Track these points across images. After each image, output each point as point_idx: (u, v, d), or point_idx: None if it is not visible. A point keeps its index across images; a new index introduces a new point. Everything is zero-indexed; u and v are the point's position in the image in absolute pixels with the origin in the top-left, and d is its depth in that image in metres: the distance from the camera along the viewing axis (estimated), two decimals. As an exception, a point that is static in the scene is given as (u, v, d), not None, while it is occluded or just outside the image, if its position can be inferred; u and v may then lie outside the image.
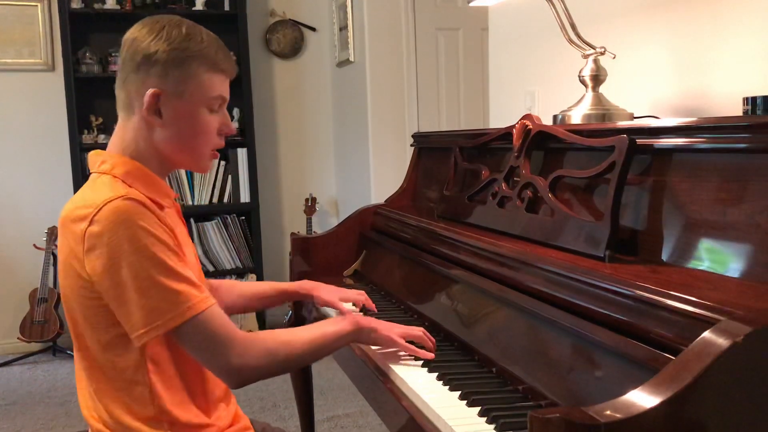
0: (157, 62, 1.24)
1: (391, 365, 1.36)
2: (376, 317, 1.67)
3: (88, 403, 1.30)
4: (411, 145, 2.41)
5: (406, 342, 1.40)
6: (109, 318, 1.20)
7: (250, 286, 1.73)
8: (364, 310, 1.75)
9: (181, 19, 1.29)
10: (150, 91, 1.23)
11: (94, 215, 1.16)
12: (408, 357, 1.40)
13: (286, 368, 1.27)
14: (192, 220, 4.23)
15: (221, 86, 1.31)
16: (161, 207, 1.26)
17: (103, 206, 1.16)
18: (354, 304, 1.77)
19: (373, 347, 1.45)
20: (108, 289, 1.17)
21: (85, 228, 1.16)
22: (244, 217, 4.47)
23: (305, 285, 1.75)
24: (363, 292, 1.78)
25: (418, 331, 1.41)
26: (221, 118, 1.32)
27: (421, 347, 1.40)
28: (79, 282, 1.20)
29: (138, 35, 1.26)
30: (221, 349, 1.18)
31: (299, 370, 2.15)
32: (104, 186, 1.22)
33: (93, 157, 1.30)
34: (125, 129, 1.29)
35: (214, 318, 1.19)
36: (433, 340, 1.41)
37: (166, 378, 1.26)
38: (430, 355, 1.38)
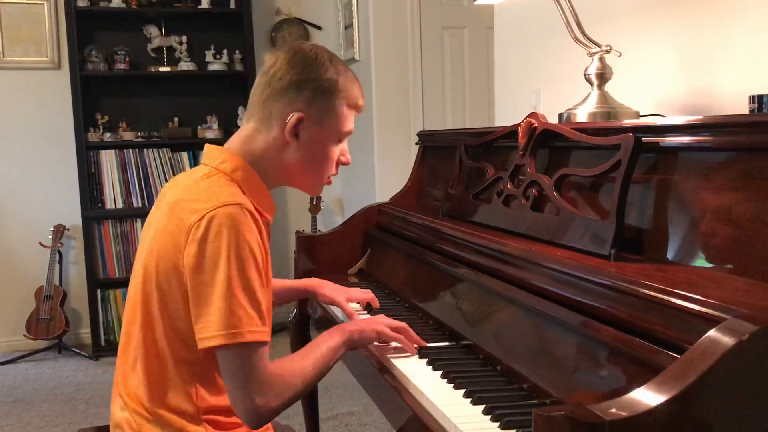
0: (307, 89, 1.31)
1: (395, 363, 1.36)
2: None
3: (131, 381, 1.31)
4: (416, 144, 2.41)
5: (397, 335, 1.42)
6: (185, 310, 1.23)
7: None
8: (369, 309, 1.75)
9: (331, 53, 1.37)
10: (296, 115, 1.31)
11: (208, 213, 1.20)
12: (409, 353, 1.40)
13: (299, 398, 1.30)
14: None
15: (353, 121, 1.40)
16: (267, 221, 1.32)
17: (218, 207, 1.20)
18: (359, 303, 1.77)
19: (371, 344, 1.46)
20: (195, 285, 1.20)
21: (195, 221, 1.20)
22: (249, 216, 4.47)
23: (311, 283, 1.77)
24: (369, 291, 1.78)
25: (400, 325, 1.44)
26: (343, 149, 1.42)
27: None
28: (170, 267, 1.24)
29: (291, 59, 1.32)
30: (251, 386, 1.20)
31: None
32: (223, 187, 1.26)
33: (213, 152, 1.35)
34: (253, 139, 1.34)
35: (261, 355, 1.21)
36: (416, 337, 1.44)
37: (214, 382, 1.30)
38: (422, 342, 1.42)
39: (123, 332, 1.35)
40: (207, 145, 1.37)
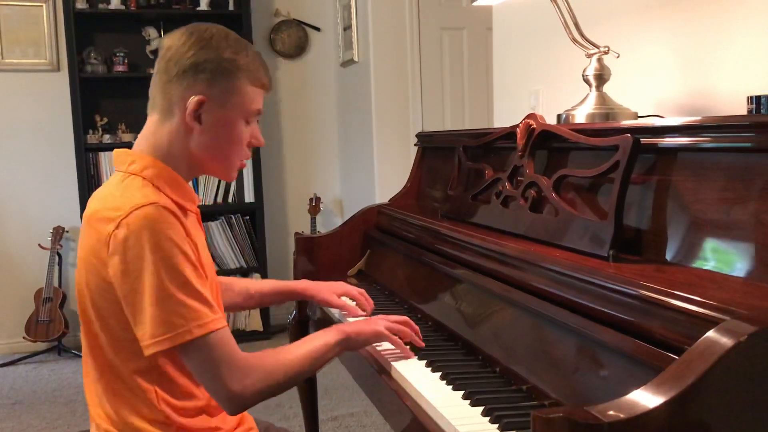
0: (205, 71, 1.26)
1: (394, 364, 1.36)
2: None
3: (95, 401, 1.30)
4: (415, 145, 2.41)
5: (395, 337, 1.42)
6: (124, 321, 1.21)
7: (251, 284, 1.72)
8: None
9: (228, 30, 1.31)
10: (195, 98, 1.25)
11: (122, 219, 1.17)
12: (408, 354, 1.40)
13: (283, 389, 1.27)
14: (196, 220, 4.24)
15: (259, 100, 1.34)
16: (186, 212, 1.28)
17: (132, 211, 1.17)
18: (353, 299, 1.76)
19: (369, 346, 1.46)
20: (125, 295, 1.18)
21: (112, 230, 1.17)
22: (248, 217, 4.48)
23: (303, 286, 1.74)
24: (363, 290, 1.76)
25: (401, 321, 1.43)
26: (253, 130, 1.35)
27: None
28: (99, 282, 1.21)
29: (186, 42, 1.27)
30: (222, 374, 1.18)
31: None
32: (134, 189, 1.22)
33: (121, 156, 1.31)
34: (158, 131, 1.29)
35: (222, 341, 1.19)
36: (416, 327, 1.44)
37: (175, 385, 1.27)
38: (420, 344, 1.41)
39: (82, 355, 1.33)
40: (115, 151, 1.32)
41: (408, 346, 1.43)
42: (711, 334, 0.80)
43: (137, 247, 1.16)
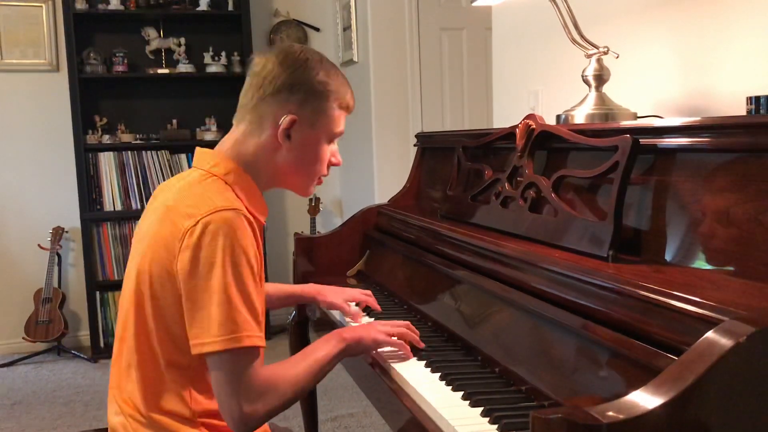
0: (300, 92, 1.32)
1: (393, 365, 1.36)
2: (379, 318, 1.68)
3: (125, 386, 1.31)
4: (414, 145, 2.41)
5: (394, 339, 1.42)
6: (179, 315, 1.23)
7: None
8: (369, 311, 1.75)
9: (321, 54, 1.38)
10: (289, 117, 1.31)
11: (202, 217, 1.20)
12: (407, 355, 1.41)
13: (290, 404, 1.28)
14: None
15: (343, 123, 1.41)
16: (260, 224, 1.32)
17: (213, 212, 1.20)
18: (358, 304, 1.77)
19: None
20: (189, 290, 1.20)
21: (190, 227, 1.20)
22: (248, 217, 4.47)
23: (310, 290, 1.77)
24: (369, 291, 1.78)
25: (402, 326, 1.43)
26: (333, 150, 1.42)
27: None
28: (163, 273, 1.23)
29: (282, 62, 1.32)
30: (240, 391, 1.19)
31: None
32: (217, 191, 1.26)
33: (205, 155, 1.34)
34: (246, 141, 1.34)
35: (254, 360, 1.20)
36: (417, 332, 1.44)
37: (207, 385, 1.29)
38: (420, 344, 1.42)
39: (116, 336, 1.34)
40: (198, 149, 1.37)
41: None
42: (710, 334, 0.80)
43: (211, 248, 1.18)
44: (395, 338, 1.42)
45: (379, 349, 1.44)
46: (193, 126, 4.46)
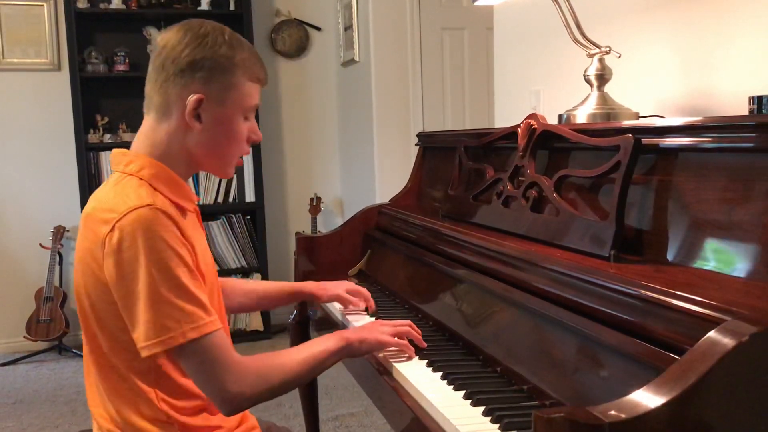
0: (203, 69, 1.25)
1: (394, 364, 1.36)
2: (379, 317, 1.68)
3: (97, 401, 1.31)
4: (416, 145, 2.41)
5: (397, 340, 1.41)
6: (122, 322, 1.21)
7: (254, 286, 1.72)
8: (366, 310, 1.76)
9: (223, 27, 1.30)
10: (194, 96, 1.25)
11: (117, 221, 1.17)
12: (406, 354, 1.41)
13: (280, 392, 1.27)
14: (197, 220, 4.24)
15: (257, 95, 1.33)
16: (184, 212, 1.28)
17: (127, 213, 1.17)
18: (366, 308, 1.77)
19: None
20: (121, 297, 1.18)
21: (107, 233, 1.17)
22: (249, 217, 4.48)
23: (309, 286, 1.75)
24: (366, 290, 1.77)
25: (404, 326, 1.42)
26: (251, 125, 1.34)
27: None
28: (96, 283, 1.21)
29: (182, 40, 1.26)
30: (218, 375, 1.18)
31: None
32: (131, 190, 1.22)
33: (118, 156, 1.30)
34: (155, 130, 1.29)
35: (217, 343, 1.19)
36: (419, 331, 1.43)
37: (175, 385, 1.27)
38: (422, 344, 1.41)
39: (83, 354, 1.33)
40: (113, 151, 1.32)
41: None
42: (712, 334, 0.80)
43: (131, 250, 1.15)
44: (403, 330, 1.41)
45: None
46: (194, 125, 4.45)
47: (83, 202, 4.11)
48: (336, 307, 1.80)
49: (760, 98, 1.34)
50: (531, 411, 0.79)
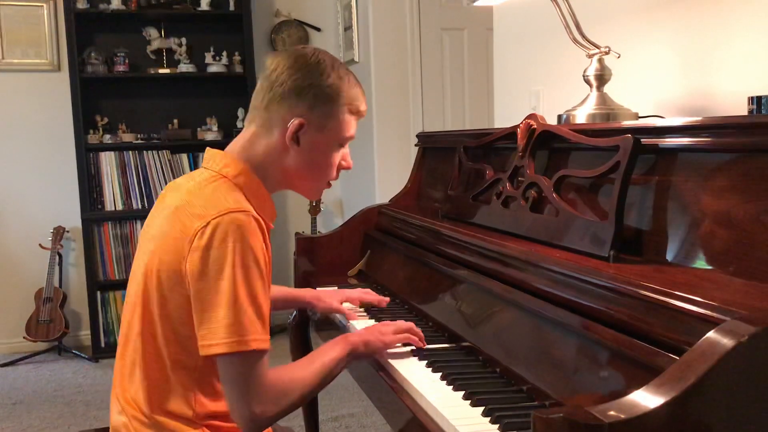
0: (308, 95, 1.30)
1: (394, 364, 1.36)
2: (379, 318, 1.68)
3: (129, 386, 1.30)
4: (415, 145, 2.41)
5: (402, 336, 1.42)
6: (186, 316, 1.23)
7: None
8: (367, 309, 1.75)
9: (334, 57, 1.36)
10: (296, 121, 1.30)
11: (213, 218, 1.19)
12: (408, 354, 1.41)
13: (298, 406, 1.29)
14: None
15: (354, 127, 1.39)
16: (268, 227, 1.31)
17: (225, 213, 1.20)
18: (363, 307, 1.77)
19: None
20: (198, 291, 1.19)
21: (200, 228, 1.19)
22: (249, 217, 4.47)
23: (306, 296, 1.76)
24: (369, 290, 1.78)
25: (405, 326, 1.43)
26: (344, 154, 1.40)
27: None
28: (172, 274, 1.23)
29: (293, 64, 1.31)
30: (250, 392, 1.20)
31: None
32: (227, 193, 1.25)
33: (216, 156, 1.33)
34: (255, 143, 1.33)
35: (261, 363, 1.21)
36: (421, 334, 1.44)
37: (211, 387, 1.30)
38: (423, 345, 1.43)
39: (121, 335, 1.34)
40: (209, 149, 1.36)
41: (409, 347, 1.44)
42: (711, 334, 0.80)
43: (221, 249, 1.18)
44: (407, 326, 1.43)
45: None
46: (194, 126, 4.46)
47: (83, 203, 4.12)
48: (336, 308, 1.80)
49: (759, 98, 1.34)
50: (530, 411, 0.79)
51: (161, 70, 4.32)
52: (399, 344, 1.42)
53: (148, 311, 1.27)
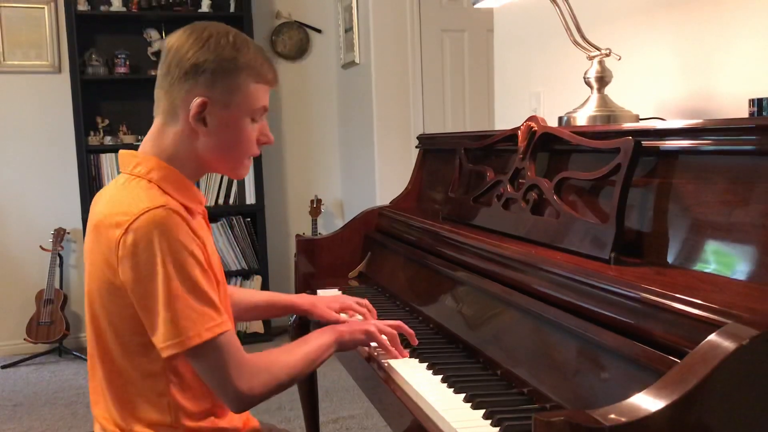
0: (206, 72, 1.24)
1: (394, 367, 1.36)
2: (380, 318, 1.68)
3: (101, 404, 1.31)
4: (416, 147, 2.41)
5: (383, 338, 1.43)
6: (136, 325, 1.21)
7: (247, 297, 1.68)
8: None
9: (228, 28, 1.29)
10: (198, 100, 1.24)
11: (131, 224, 1.17)
12: (411, 357, 1.41)
13: (285, 387, 1.29)
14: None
15: (265, 97, 1.32)
16: (193, 213, 1.28)
17: (140, 215, 1.17)
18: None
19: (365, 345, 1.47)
20: (139, 299, 1.18)
21: (120, 236, 1.17)
22: (249, 219, 4.48)
23: (302, 302, 1.69)
24: (365, 301, 1.68)
25: (395, 323, 1.45)
26: (261, 127, 1.33)
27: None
28: (109, 287, 1.21)
29: (185, 43, 1.26)
30: (230, 375, 1.19)
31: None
32: (141, 192, 1.21)
33: (126, 158, 1.29)
34: (164, 133, 1.28)
35: (228, 343, 1.20)
36: (411, 331, 1.45)
37: (185, 388, 1.28)
38: (414, 341, 1.44)
39: (88, 357, 1.33)
40: (120, 152, 1.31)
41: (406, 347, 1.44)
42: (713, 337, 0.80)
43: (147, 251, 1.16)
44: (384, 338, 1.42)
45: (372, 344, 1.44)
46: (195, 127, 4.45)
47: (84, 205, 4.12)
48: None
49: (760, 101, 1.34)
50: (531, 414, 0.78)
51: (162, 72, 4.32)
52: (386, 337, 1.42)
53: (100, 331, 1.26)
